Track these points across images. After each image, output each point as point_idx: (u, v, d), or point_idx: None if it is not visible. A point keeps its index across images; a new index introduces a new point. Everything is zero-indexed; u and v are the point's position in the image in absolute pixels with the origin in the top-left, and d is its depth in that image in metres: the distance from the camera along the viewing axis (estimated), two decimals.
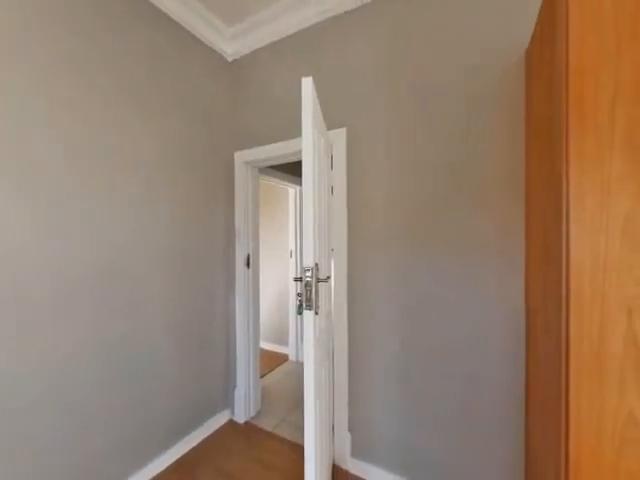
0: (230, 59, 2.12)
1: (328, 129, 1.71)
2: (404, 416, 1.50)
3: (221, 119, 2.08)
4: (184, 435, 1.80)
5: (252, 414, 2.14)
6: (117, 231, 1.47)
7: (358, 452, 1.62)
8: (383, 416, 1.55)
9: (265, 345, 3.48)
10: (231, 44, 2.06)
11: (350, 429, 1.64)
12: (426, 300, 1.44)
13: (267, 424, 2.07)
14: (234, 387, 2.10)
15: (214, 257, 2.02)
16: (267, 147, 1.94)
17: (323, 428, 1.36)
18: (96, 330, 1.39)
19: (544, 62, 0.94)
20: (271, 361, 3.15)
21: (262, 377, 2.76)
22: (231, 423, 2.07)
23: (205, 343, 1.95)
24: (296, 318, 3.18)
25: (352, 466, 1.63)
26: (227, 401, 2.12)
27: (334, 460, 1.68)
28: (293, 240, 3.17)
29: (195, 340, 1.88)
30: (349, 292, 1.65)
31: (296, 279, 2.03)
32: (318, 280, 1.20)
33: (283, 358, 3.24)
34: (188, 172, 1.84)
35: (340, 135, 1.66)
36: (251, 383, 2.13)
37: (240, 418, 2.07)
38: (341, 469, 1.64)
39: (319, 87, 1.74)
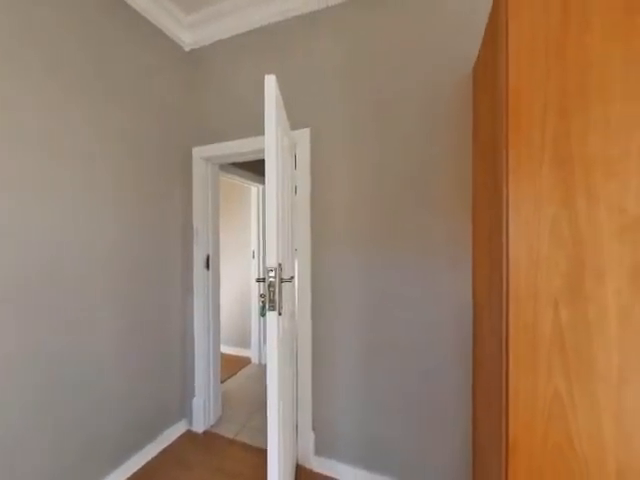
0: (188, 48, 2.00)
1: (292, 129, 1.70)
2: (366, 411, 1.55)
3: (178, 111, 1.96)
4: (137, 450, 1.66)
5: (212, 422, 2.05)
6: (49, 231, 1.30)
7: (322, 450, 1.64)
8: (346, 412, 1.59)
9: (226, 349, 3.35)
10: (189, 33, 1.95)
11: (314, 428, 1.66)
12: (386, 298, 1.51)
13: (228, 431, 2.00)
14: (192, 395, 1.99)
15: (170, 258, 1.89)
16: (229, 143, 1.87)
17: (287, 429, 1.35)
18: (27, 344, 1.22)
19: (488, 80, 1.04)
20: (233, 365, 3.04)
21: (223, 382, 2.66)
22: (189, 434, 1.96)
23: (160, 351, 1.82)
24: (259, 320, 3.11)
25: (316, 464, 1.64)
26: (184, 411, 2.00)
27: (297, 460, 1.68)
28: (256, 240, 3.10)
29: (148, 348, 1.74)
30: (313, 292, 1.66)
31: (259, 280, 1.99)
32: (282, 280, 1.19)
33: (245, 361, 3.15)
34: (139, 166, 1.70)
35: (304, 135, 1.66)
36: (211, 390, 2.03)
37: (199, 427, 1.97)
38: (305, 468, 1.65)
39: (283, 86, 1.73)
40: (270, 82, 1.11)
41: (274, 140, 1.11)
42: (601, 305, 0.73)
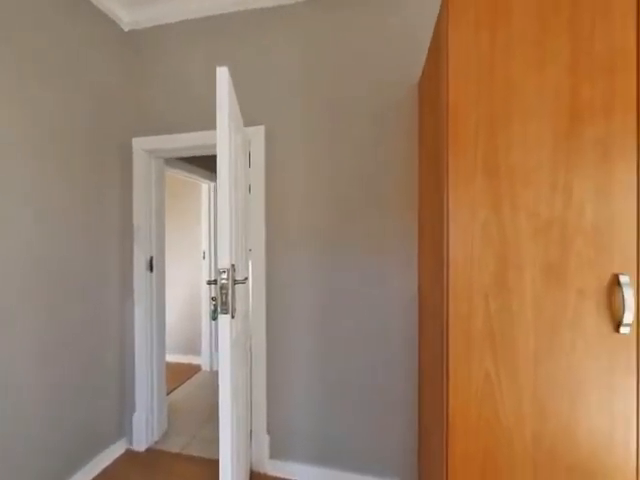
0: (127, 28, 1.81)
1: (246, 125, 1.65)
2: (321, 408, 1.57)
3: (115, 98, 1.76)
4: (66, 478, 1.45)
5: (156, 438, 1.89)
6: None
7: (277, 452, 1.62)
8: (301, 411, 1.59)
9: (174, 357, 3.11)
10: (128, 11, 1.76)
11: (269, 431, 1.63)
12: (340, 296, 1.55)
13: (175, 445, 1.86)
14: (132, 411, 1.81)
15: (105, 261, 1.69)
16: (177, 136, 1.74)
17: (240, 436, 1.30)
18: None
19: (431, 93, 1.13)
20: (181, 374, 2.84)
21: (170, 393, 2.46)
22: (129, 453, 1.77)
23: (92, 364, 1.61)
24: (210, 324, 2.95)
25: (271, 468, 1.62)
26: (123, 429, 1.81)
27: (251, 466, 1.63)
28: (207, 240, 2.94)
29: (78, 363, 1.53)
30: (268, 292, 1.63)
31: (210, 282, 1.89)
32: (235, 282, 1.14)
33: (195, 369, 2.96)
34: (66, 158, 1.49)
35: (258, 133, 1.62)
36: (154, 403, 1.87)
37: (140, 445, 1.80)
38: (259, 474, 1.61)
39: (237, 80, 1.66)
40: (222, 75, 1.06)
41: (226, 135, 1.06)
42: (521, 296, 0.84)
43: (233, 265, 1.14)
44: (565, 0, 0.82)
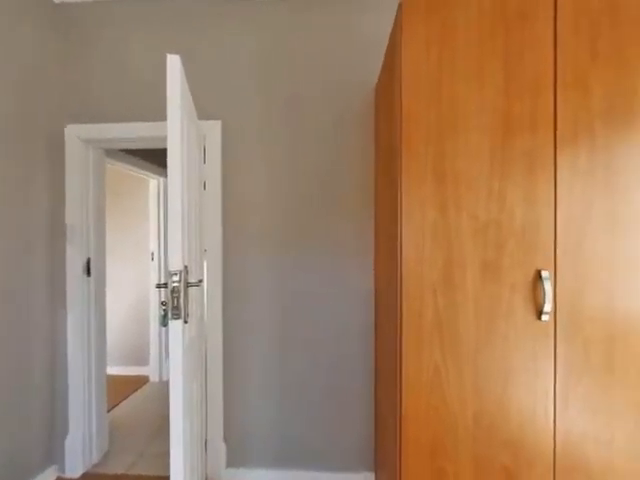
0: (57, 0, 1.60)
1: (201, 119, 1.56)
2: (279, 410, 1.55)
3: (44, 79, 1.54)
4: None
5: (95, 461, 1.69)
6: None
7: (234, 460, 1.56)
8: (260, 416, 1.56)
9: (118, 369, 2.83)
10: None
11: (225, 438, 1.56)
12: (299, 297, 1.55)
13: (118, 466, 1.69)
14: (64, 434, 1.60)
15: (29, 265, 1.47)
16: (120, 126, 1.58)
17: (194, 448, 1.23)
18: None
19: (387, 99, 1.19)
20: (126, 387, 2.59)
21: (112, 409, 2.23)
22: None
23: (12, 384, 1.39)
24: (159, 331, 2.74)
25: (228, 478, 1.55)
26: (54, 455, 1.59)
27: (207, 477, 1.55)
28: (155, 240, 2.72)
29: None
30: (224, 295, 1.57)
31: (160, 285, 1.75)
32: (188, 284, 1.08)
33: (142, 381, 2.72)
34: None
35: (214, 127, 1.55)
36: (93, 422, 1.67)
37: (75, 471, 1.60)
38: None
39: (191, 70, 1.57)
40: (174, 63, 0.99)
41: (178, 128, 0.99)
42: (464, 291, 0.93)
43: (186, 266, 1.07)
44: (500, 30, 0.92)
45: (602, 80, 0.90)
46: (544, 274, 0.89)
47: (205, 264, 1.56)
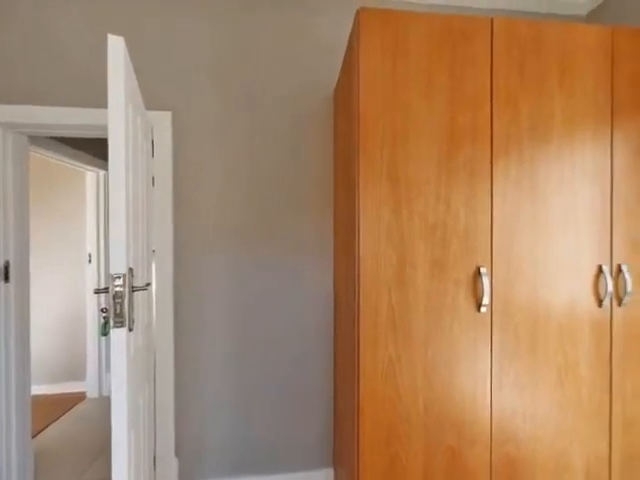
0: None
1: (148, 109, 1.44)
2: (238, 416, 1.50)
3: None
4: None
5: None
6: None
7: (188, 475, 1.47)
8: (215, 425, 1.49)
9: (47, 388, 2.47)
10: None
11: (178, 453, 1.46)
12: (259, 297, 1.51)
13: None
14: None
15: None
16: (48, 110, 1.38)
17: (141, 466, 1.13)
18: None
19: (345, 102, 1.22)
20: (56, 407, 2.27)
21: (38, 434, 1.94)
22: None
23: None
24: (99, 341, 2.46)
25: None
26: None
27: None
28: (94, 240, 2.43)
29: None
30: (176, 298, 1.46)
31: (99, 291, 1.57)
32: (133, 289, 0.98)
33: (77, 399, 2.42)
34: None
35: (164, 119, 1.44)
36: (12, 453, 1.44)
37: None
38: None
39: (138, 54, 1.43)
40: (117, 45, 0.89)
41: (122, 116, 0.90)
42: (415, 288, 0.99)
43: (131, 269, 0.98)
44: (446, 47, 1.00)
45: (528, 101, 1.03)
46: (483, 270, 0.99)
47: (154, 266, 1.44)
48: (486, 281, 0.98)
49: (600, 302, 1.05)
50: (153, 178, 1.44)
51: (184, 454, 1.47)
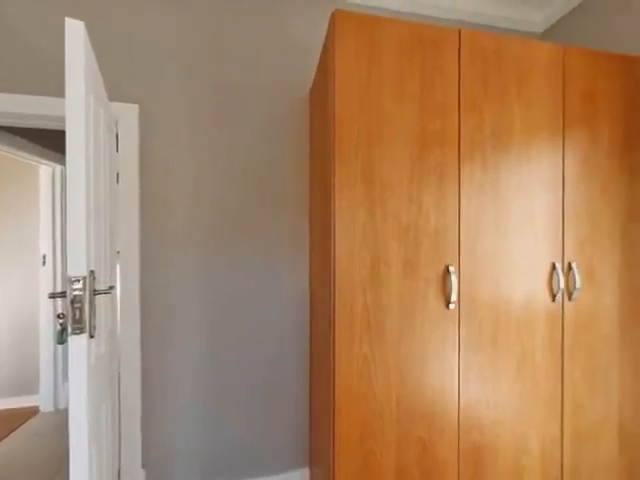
0: None
1: (113, 100, 1.35)
2: (210, 421, 1.45)
3: None
4: None
5: None
6: None
7: None
8: (187, 431, 1.43)
9: None
10: None
11: (145, 464, 1.39)
12: (233, 297, 1.48)
13: None
14: None
15: None
16: None
17: None
18: None
19: (320, 102, 1.23)
20: (4, 425, 2.06)
21: None
22: None
23: None
24: (54, 350, 2.27)
25: None
26: None
27: None
28: (49, 240, 2.24)
29: None
30: (143, 301, 1.39)
31: (55, 295, 1.45)
32: (95, 292, 0.92)
33: (30, 413, 2.21)
34: None
35: (130, 112, 1.35)
36: None
37: None
38: None
39: (101, 40, 1.34)
40: (76, 32, 0.83)
41: (82, 106, 0.84)
42: (389, 288, 1.02)
43: (92, 271, 0.91)
44: (417, 55, 1.04)
45: (491, 111, 1.10)
46: (451, 269, 1.04)
47: (118, 268, 1.35)
48: (454, 279, 1.04)
49: (554, 297, 1.15)
50: (118, 174, 1.35)
51: (152, 465, 1.40)
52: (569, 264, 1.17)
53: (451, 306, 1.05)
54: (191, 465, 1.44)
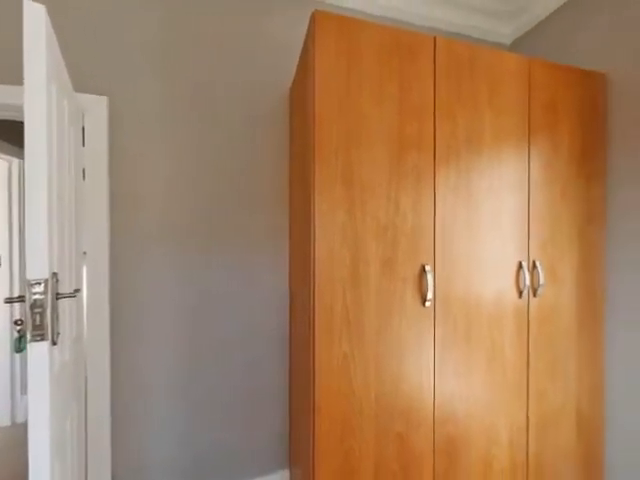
0: None
1: (79, 91, 1.26)
2: (187, 427, 1.40)
3: None
4: None
5: None
6: None
7: None
8: (161, 439, 1.37)
9: None
10: None
11: (115, 476, 1.31)
12: (211, 297, 1.44)
13: None
14: None
15: None
16: None
17: None
18: None
19: (300, 102, 1.22)
20: None
21: None
22: None
23: None
24: (11, 359, 2.09)
25: None
26: None
27: None
28: (4, 240, 2.06)
29: None
30: (113, 304, 1.31)
31: (11, 300, 1.33)
32: (58, 296, 0.86)
33: None
34: None
35: (98, 104, 1.28)
36: None
37: None
38: None
39: (67, 30, 1.25)
40: (36, 14, 0.77)
41: (43, 97, 0.78)
42: (368, 287, 1.04)
43: (55, 273, 0.85)
44: (395, 60, 1.06)
45: (465, 116, 1.15)
46: (427, 268, 1.08)
47: (85, 269, 1.27)
48: (430, 278, 1.07)
49: (520, 293, 1.22)
50: (84, 170, 1.27)
51: (123, 476, 1.33)
52: (534, 262, 1.24)
53: (427, 304, 1.08)
54: (166, 473, 1.38)
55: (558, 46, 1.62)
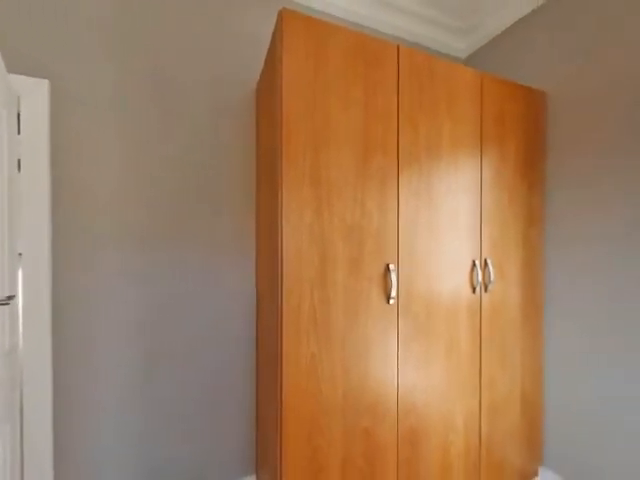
0: None
1: (13, 72, 1.12)
2: (146, 443, 1.31)
3: None
4: None
5: None
6: None
7: None
8: (115, 460, 1.26)
9: None
10: None
11: None
12: (171, 300, 1.36)
13: None
14: None
15: None
16: None
17: None
18: None
19: (267, 101, 1.20)
20: None
21: None
22: None
23: None
24: None
25: None
26: None
27: None
28: None
29: None
30: (56, 311, 1.18)
31: None
32: None
33: None
34: None
35: (37, 87, 1.14)
36: None
37: None
38: None
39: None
40: None
41: None
42: (336, 286, 1.05)
43: None
44: (361, 65, 1.09)
45: (426, 124, 1.22)
46: (391, 267, 1.12)
47: (20, 273, 1.13)
48: (394, 276, 1.12)
49: (474, 289, 1.32)
50: (19, 160, 1.13)
51: None
52: (485, 261, 1.36)
53: (391, 301, 1.13)
54: None
55: (508, 62, 1.78)
